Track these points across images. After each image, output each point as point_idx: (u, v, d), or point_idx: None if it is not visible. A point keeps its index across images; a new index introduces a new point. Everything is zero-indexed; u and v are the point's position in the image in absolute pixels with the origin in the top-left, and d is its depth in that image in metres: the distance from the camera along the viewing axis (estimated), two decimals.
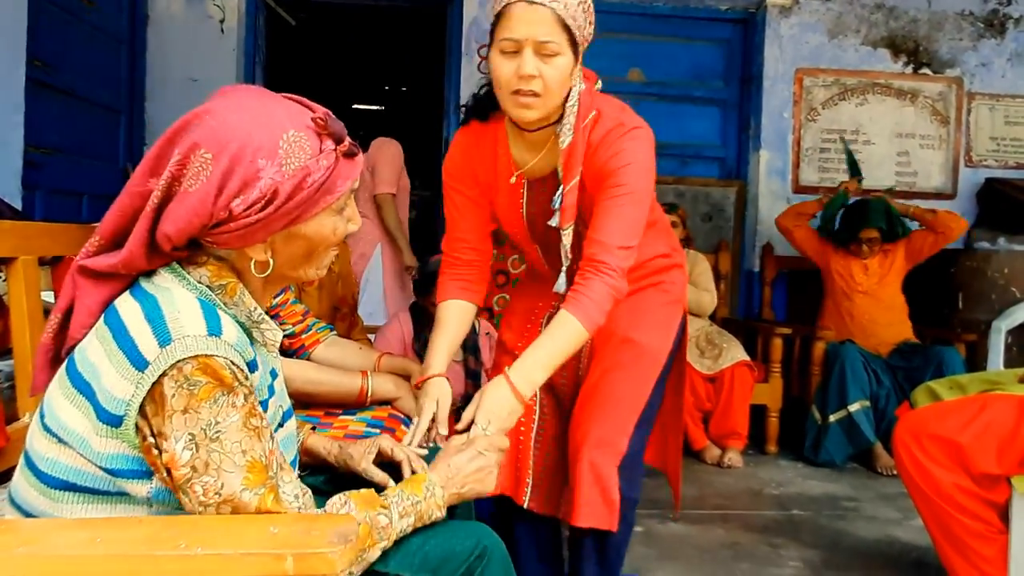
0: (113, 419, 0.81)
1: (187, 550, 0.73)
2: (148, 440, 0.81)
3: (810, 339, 3.27)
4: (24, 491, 0.87)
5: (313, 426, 1.23)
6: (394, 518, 0.91)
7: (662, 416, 1.70)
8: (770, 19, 3.82)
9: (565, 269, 1.39)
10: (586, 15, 1.32)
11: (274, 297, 1.38)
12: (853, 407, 3.01)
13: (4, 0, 2.38)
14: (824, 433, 3.06)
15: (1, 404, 1.23)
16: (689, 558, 2.17)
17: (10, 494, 0.90)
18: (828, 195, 3.43)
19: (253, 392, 0.85)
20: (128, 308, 0.84)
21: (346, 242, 2.04)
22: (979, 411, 1.69)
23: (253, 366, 0.89)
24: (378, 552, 0.89)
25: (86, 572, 0.73)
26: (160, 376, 0.79)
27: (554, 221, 1.37)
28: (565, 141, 1.34)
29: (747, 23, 3.97)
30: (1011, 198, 3.65)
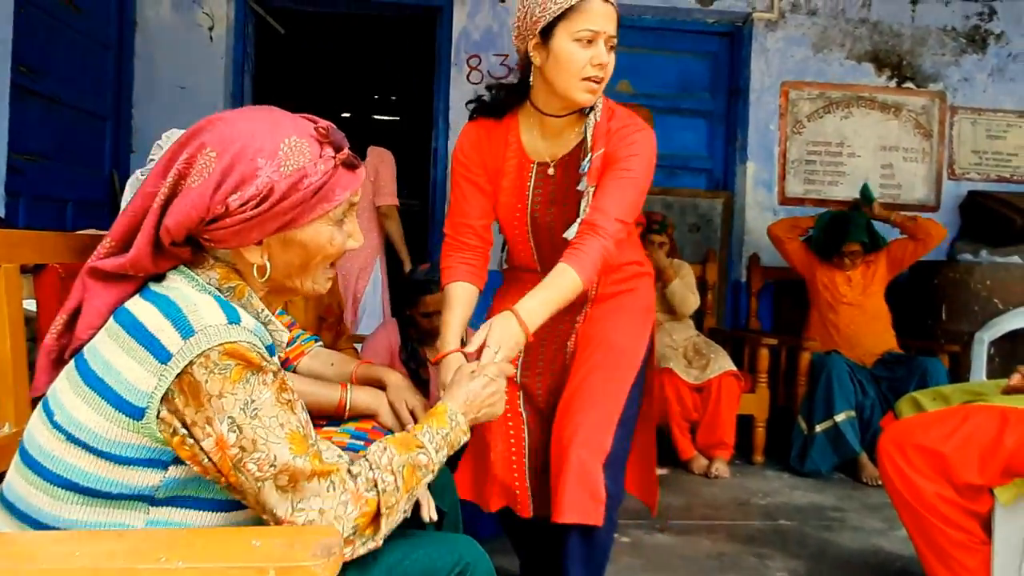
0: (135, 411, 0.82)
1: (167, 564, 0.72)
2: (179, 433, 0.82)
3: (796, 349, 3.30)
4: (20, 488, 0.86)
5: None
6: (431, 453, 0.97)
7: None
8: (756, 33, 3.87)
9: (579, 222, 1.50)
10: None
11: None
12: (839, 417, 3.03)
13: None
14: (810, 443, 3.08)
15: None
16: (676, 569, 2.17)
17: (6, 500, 0.88)
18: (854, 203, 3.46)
19: (280, 369, 0.88)
20: (142, 308, 0.86)
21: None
22: (961, 422, 1.71)
23: (272, 351, 0.92)
24: (424, 487, 0.95)
25: None
26: (186, 367, 0.81)
27: (582, 185, 1.51)
28: (591, 123, 1.51)
29: (734, 36, 4.01)
30: (993, 211, 3.70)
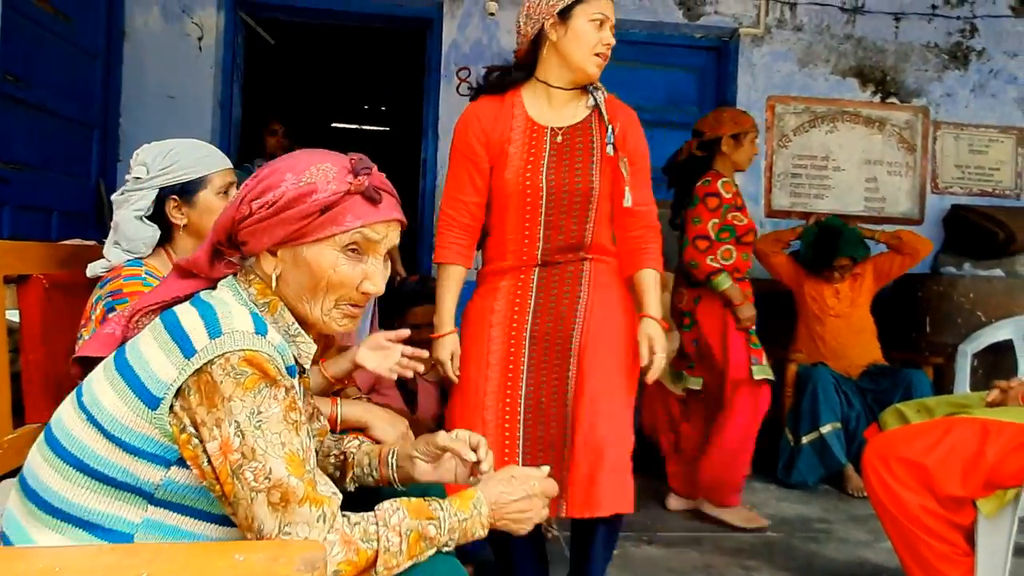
0: (152, 400, 0.85)
1: None
2: (187, 431, 0.85)
3: (782, 361, 3.31)
4: (36, 464, 0.90)
5: None
6: (441, 530, 0.94)
7: None
8: (743, 48, 3.91)
9: (628, 191, 1.75)
10: None
11: None
12: (825, 429, 3.04)
13: None
14: (796, 455, 3.09)
15: None
16: None
17: (22, 475, 0.92)
18: (816, 218, 3.49)
19: (293, 388, 0.89)
20: (184, 309, 0.92)
21: None
22: (944, 434, 1.72)
23: (292, 372, 0.94)
24: (425, 559, 0.92)
25: None
26: (205, 364, 0.84)
27: (610, 150, 1.75)
28: (601, 97, 1.82)
29: (720, 51, 4.06)
30: (976, 224, 3.75)
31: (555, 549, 2.37)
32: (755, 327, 2.67)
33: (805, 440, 3.08)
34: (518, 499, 1.03)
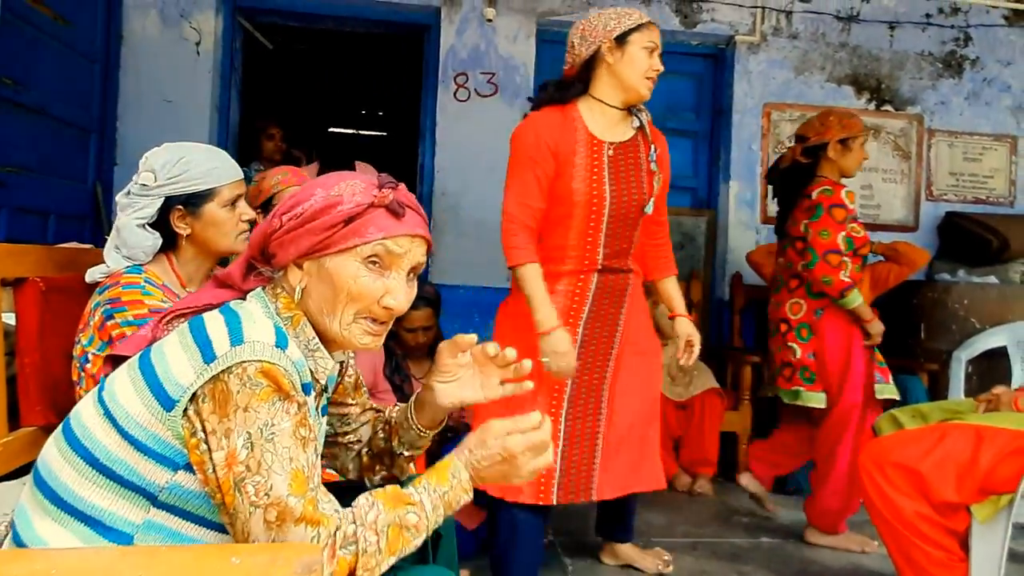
0: (168, 402, 0.86)
1: None
2: (197, 436, 0.86)
3: None
4: (50, 454, 0.92)
5: None
6: (425, 513, 0.92)
7: None
8: (739, 55, 3.93)
9: (652, 201, 1.96)
10: None
11: None
12: None
13: None
14: None
15: None
16: None
17: (36, 465, 0.93)
18: None
19: (306, 405, 0.90)
20: (211, 315, 0.94)
21: None
22: (938, 440, 1.73)
23: (307, 389, 0.95)
24: (414, 547, 0.90)
25: None
26: (222, 372, 0.85)
27: (653, 167, 1.96)
28: (645, 119, 2.00)
29: (717, 59, 4.08)
30: (970, 232, 3.77)
31: (551, 553, 2.37)
32: (750, 332, 2.66)
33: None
34: (497, 462, 0.97)
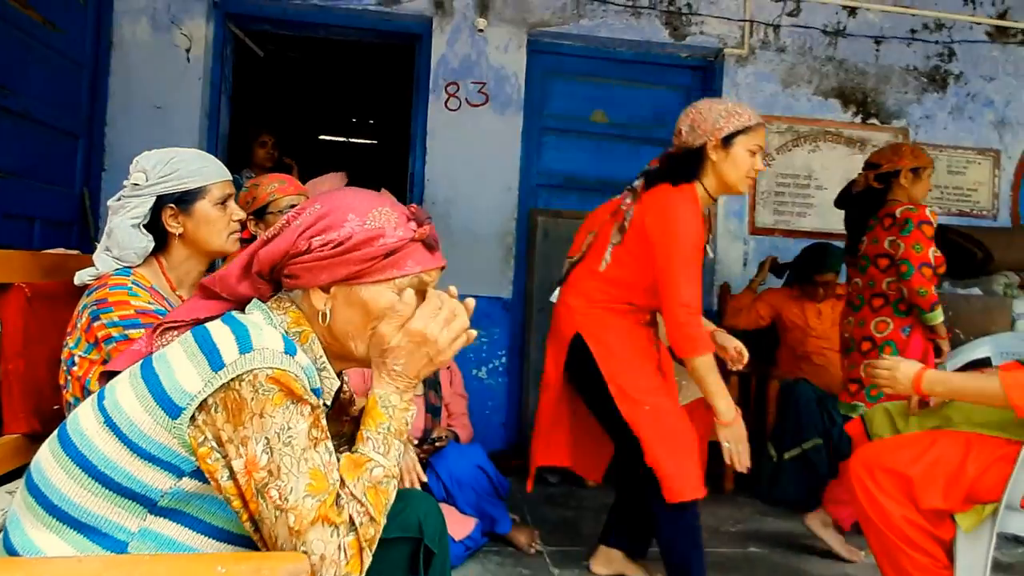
0: (174, 409, 0.86)
1: None
2: (207, 445, 0.86)
3: (765, 378, 3.34)
4: (45, 460, 0.91)
5: None
6: (384, 459, 0.93)
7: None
8: (727, 68, 3.97)
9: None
10: None
11: None
12: (808, 445, 3.06)
13: None
14: (780, 471, 3.10)
15: None
16: None
17: (29, 471, 0.93)
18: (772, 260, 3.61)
19: (319, 407, 0.91)
20: (215, 325, 0.93)
21: None
22: (929, 446, 1.74)
23: (318, 393, 0.95)
24: (393, 493, 0.93)
25: None
26: (233, 380, 0.85)
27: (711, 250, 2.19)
28: (714, 206, 2.05)
29: (706, 70, 4.12)
30: (955, 244, 3.81)
31: (538, 563, 2.36)
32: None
33: (788, 456, 3.09)
34: (413, 353, 0.96)
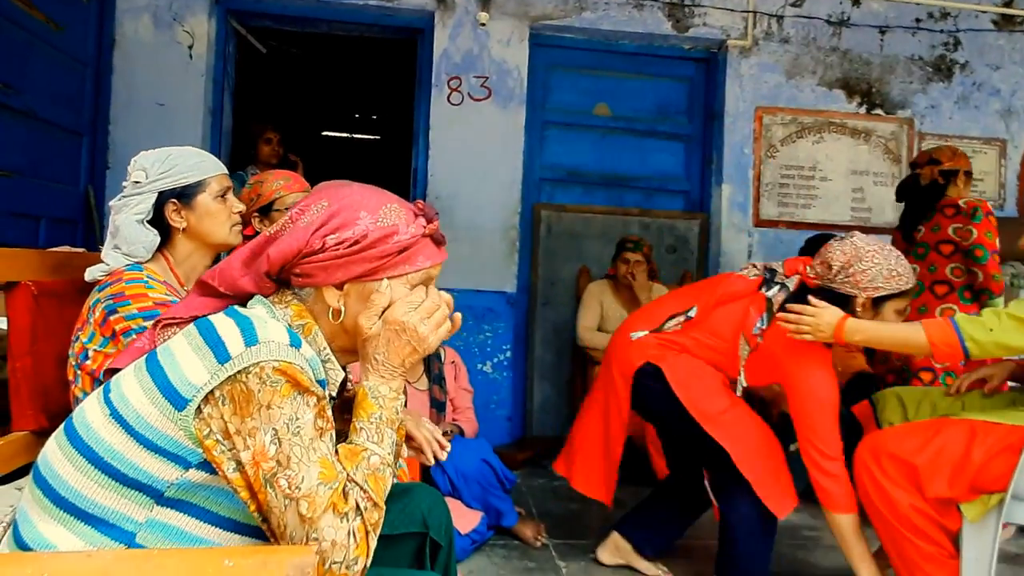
0: (180, 401, 0.87)
1: None
2: (213, 436, 0.86)
3: None
4: (52, 453, 0.92)
5: None
6: (379, 448, 0.94)
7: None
8: (731, 59, 3.96)
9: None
10: None
11: None
12: None
13: None
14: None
15: None
16: None
17: (36, 464, 0.93)
18: None
19: (324, 398, 0.92)
20: (219, 317, 0.93)
21: None
22: (934, 434, 1.74)
23: (323, 385, 0.96)
24: (391, 480, 0.95)
25: None
26: (239, 372, 0.86)
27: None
28: None
29: (709, 62, 4.10)
30: None
31: (544, 556, 2.37)
32: None
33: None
34: (394, 342, 0.98)
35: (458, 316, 1.03)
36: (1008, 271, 3.64)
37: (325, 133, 8.75)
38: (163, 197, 1.46)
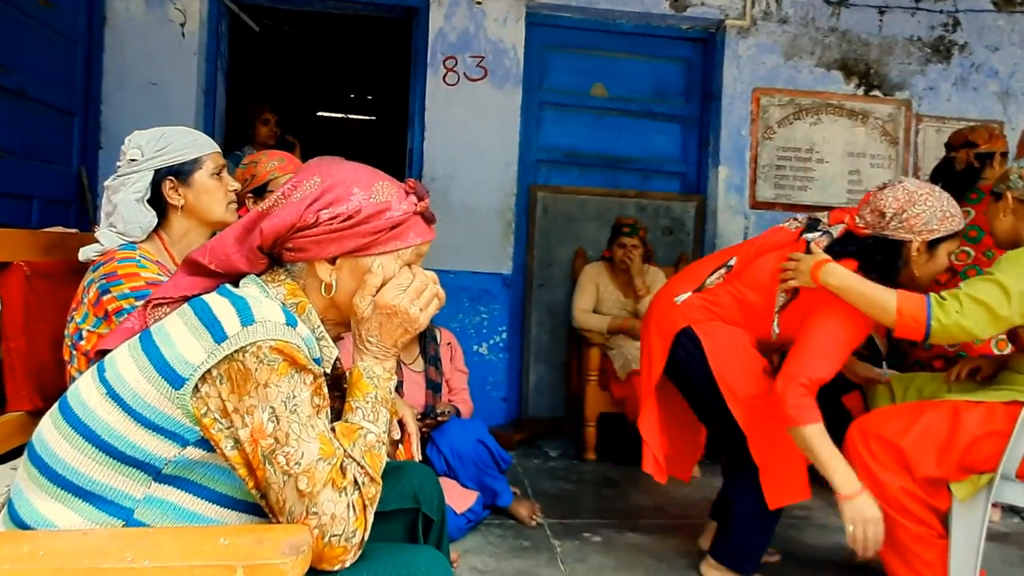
0: (177, 380, 0.87)
1: (134, 563, 0.72)
2: (210, 416, 0.87)
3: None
4: (47, 431, 0.92)
5: None
6: (374, 427, 0.97)
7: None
8: (729, 40, 3.93)
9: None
10: None
11: None
12: None
13: None
14: None
15: None
16: (646, 567, 2.20)
17: (31, 443, 0.94)
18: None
19: (321, 376, 0.93)
20: (214, 297, 0.94)
21: None
22: (917, 416, 1.76)
23: (317, 363, 0.97)
24: (385, 459, 0.97)
25: None
26: (236, 352, 0.86)
27: None
28: None
29: (707, 43, 4.07)
30: None
31: (539, 535, 2.40)
32: None
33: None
34: (385, 324, 1.00)
35: (442, 292, 1.05)
36: None
37: (320, 113, 8.69)
38: (159, 175, 1.46)
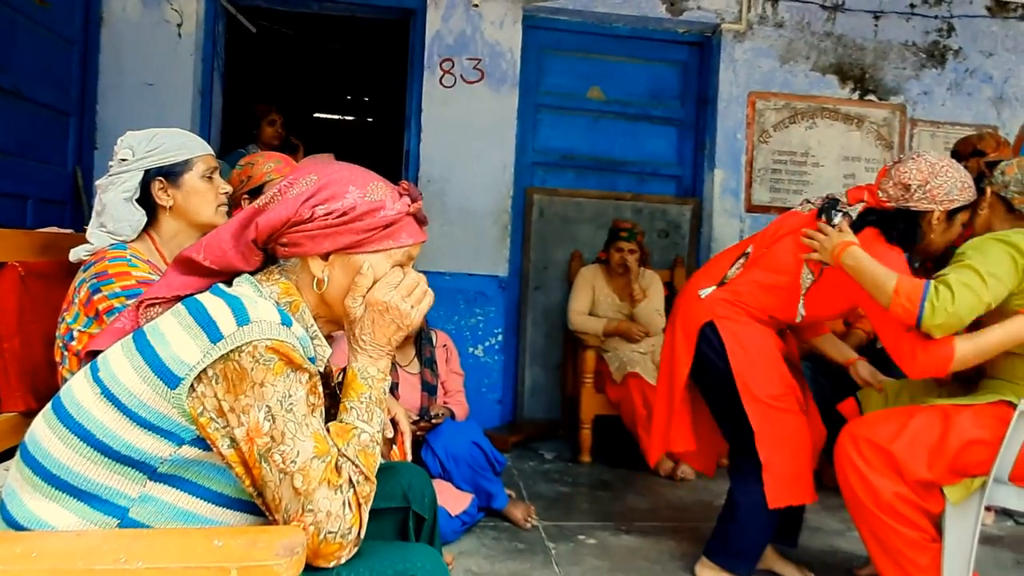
0: (172, 379, 0.87)
1: (127, 564, 0.72)
2: (206, 415, 0.88)
3: None
4: (40, 431, 0.92)
5: None
6: (368, 427, 0.97)
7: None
8: (725, 43, 3.94)
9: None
10: None
11: None
12: None
13: None
14: None
15: None
16: (641, 570, 2.20)
17: (23, 443, 0.94)
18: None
19: (316, 375, 0.94)
20: (208, 297, 0.94)
21: None
22: (908, 419, 1.76)
23: (312, 362, 0.98)
24: (379, 458, 0.98)
25: None
26: (232, 351, 0.87)
27: None
28: None
29: (703, 46, 4.08)
30: None
31: (534, 538, 2.40)
32: None
33: None
34: (377, 322, 1.01)
35: (431, 294, 1.07)
36: None
37: (317, 115, 8.68)
38: (149, 175, 1.47)
